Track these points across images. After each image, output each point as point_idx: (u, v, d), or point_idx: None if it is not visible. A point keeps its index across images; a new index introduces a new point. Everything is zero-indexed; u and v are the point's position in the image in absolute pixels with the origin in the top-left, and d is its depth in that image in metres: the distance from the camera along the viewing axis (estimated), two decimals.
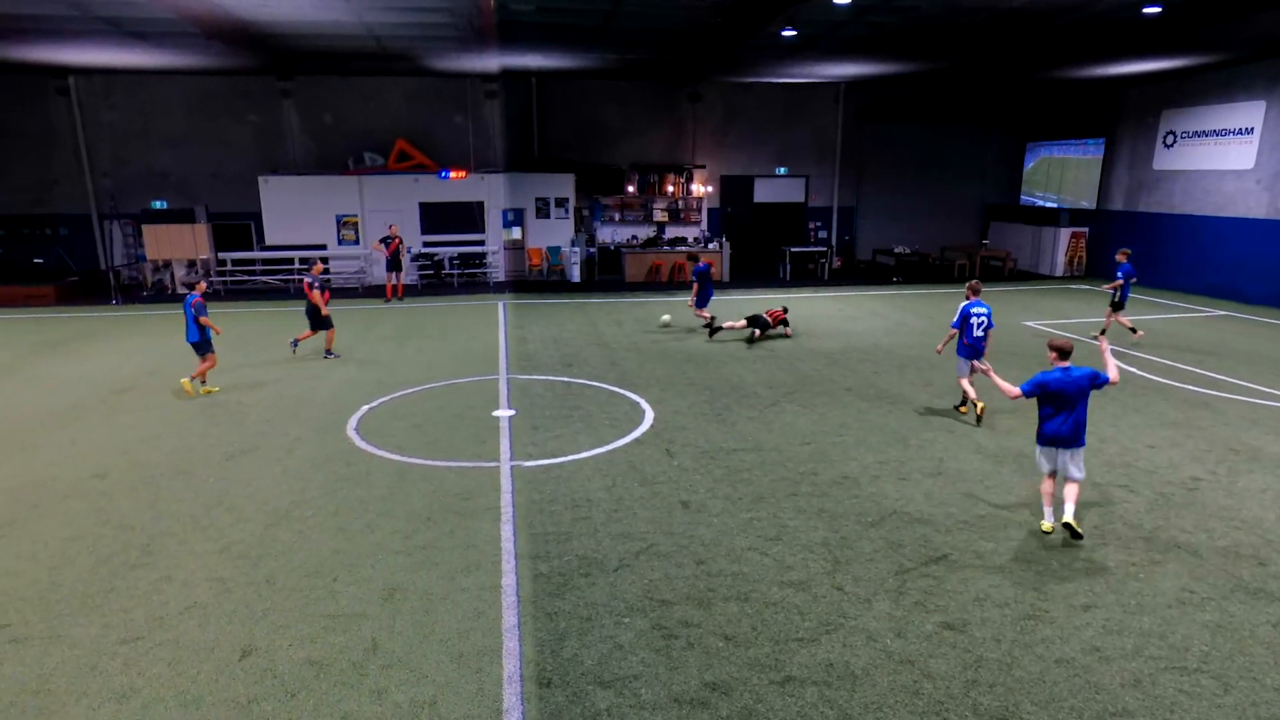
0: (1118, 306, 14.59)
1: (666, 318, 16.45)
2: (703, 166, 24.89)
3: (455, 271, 22.54)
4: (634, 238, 24.58)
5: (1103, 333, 14.37)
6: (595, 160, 24.19)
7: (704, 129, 24.87)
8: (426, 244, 22.52)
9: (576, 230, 23.70)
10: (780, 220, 26.09)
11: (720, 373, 12.50)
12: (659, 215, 24.91)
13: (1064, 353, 6.75)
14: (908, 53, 18.55)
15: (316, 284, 13.64)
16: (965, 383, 10.20)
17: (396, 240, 19.63)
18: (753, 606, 5.73)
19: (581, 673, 4.98)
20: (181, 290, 21.25)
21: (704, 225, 25.19)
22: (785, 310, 15.58)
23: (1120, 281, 14.38)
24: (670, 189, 24.67)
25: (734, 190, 25.79)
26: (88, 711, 4.64)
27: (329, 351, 13.72)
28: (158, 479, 8.20)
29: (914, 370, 12.64)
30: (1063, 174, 25.34)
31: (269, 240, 21.88)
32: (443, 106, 23.09)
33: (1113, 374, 6.62)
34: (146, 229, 20.96)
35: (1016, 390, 6.76)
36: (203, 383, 11.57)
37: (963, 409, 10.38)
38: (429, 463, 8.59)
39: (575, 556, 6.49)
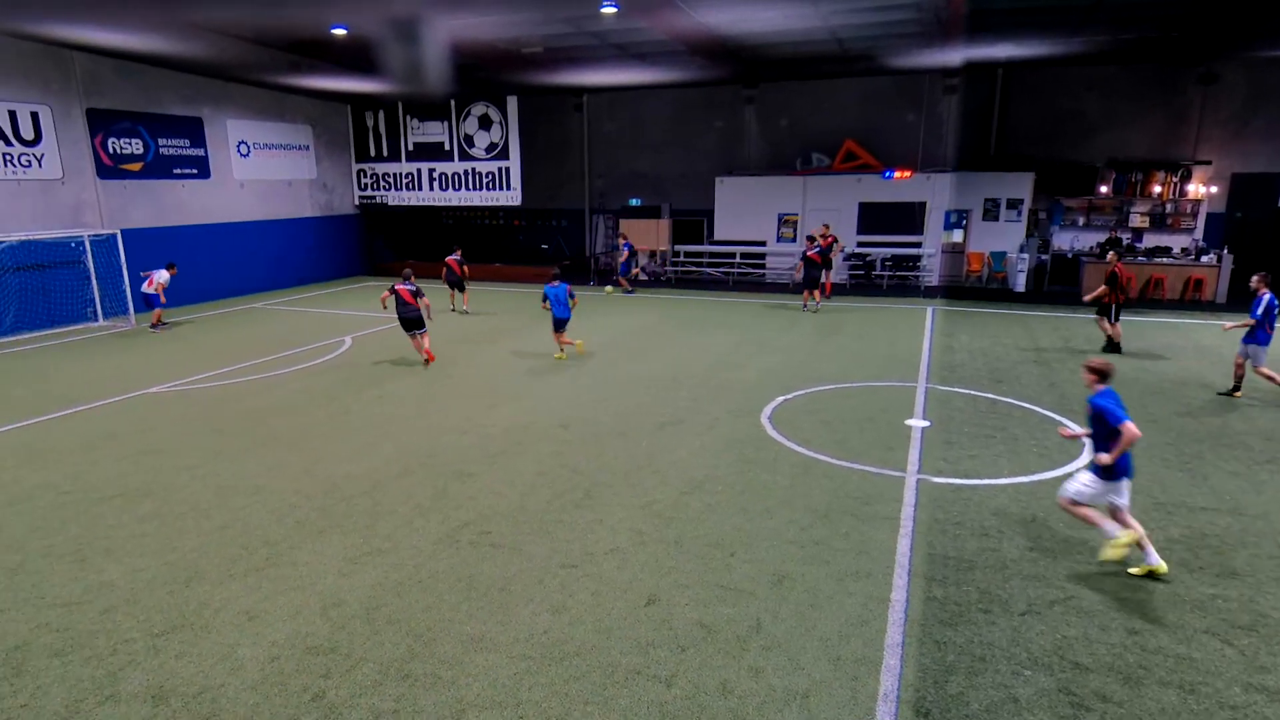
0: None
1: (609, 288, 16.86)
2: (1207, 162, 20.52)
3: (886, 273, 22.12)
4: (1098, 245, 21.38)
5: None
6: (1062, 157, 21.53)
7: (1215, 117, 20.46)
8: (860, 244, 22.46)
9: (1028, 234, 21.44)
10: None
11: (1198, 413, 10.30)
12: (1137, 220, 21.25)
13: (1105, 375, 6.25)
14: None
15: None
16: (1269, 370, 10.59)
17: (830, 239, 19.93)
18: (1200, 702, 4.66)
19: (965, 715, 4.59)
20: (645, 276, 24.39)
21: (1198, 233, 20.82)
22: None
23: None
24: (1157, 189, 20.86)
25: (1250, 191, 20.76)
26: (531, 616, 5.68)
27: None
28: (603, 436, 9.61)
29: None
30: None
31: (717, 235, 23.95)
32: (895, 105, 22.65)
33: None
34: (624, 223, 24.54)
35: (1132, 426, 5.88)
36: None
37: (1236, 394, 10.88)
38: (833, 461, 8.63)
39: (976, 588, 5.97)
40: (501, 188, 25.15)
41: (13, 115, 16.71)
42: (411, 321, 13.44)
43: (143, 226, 19.56)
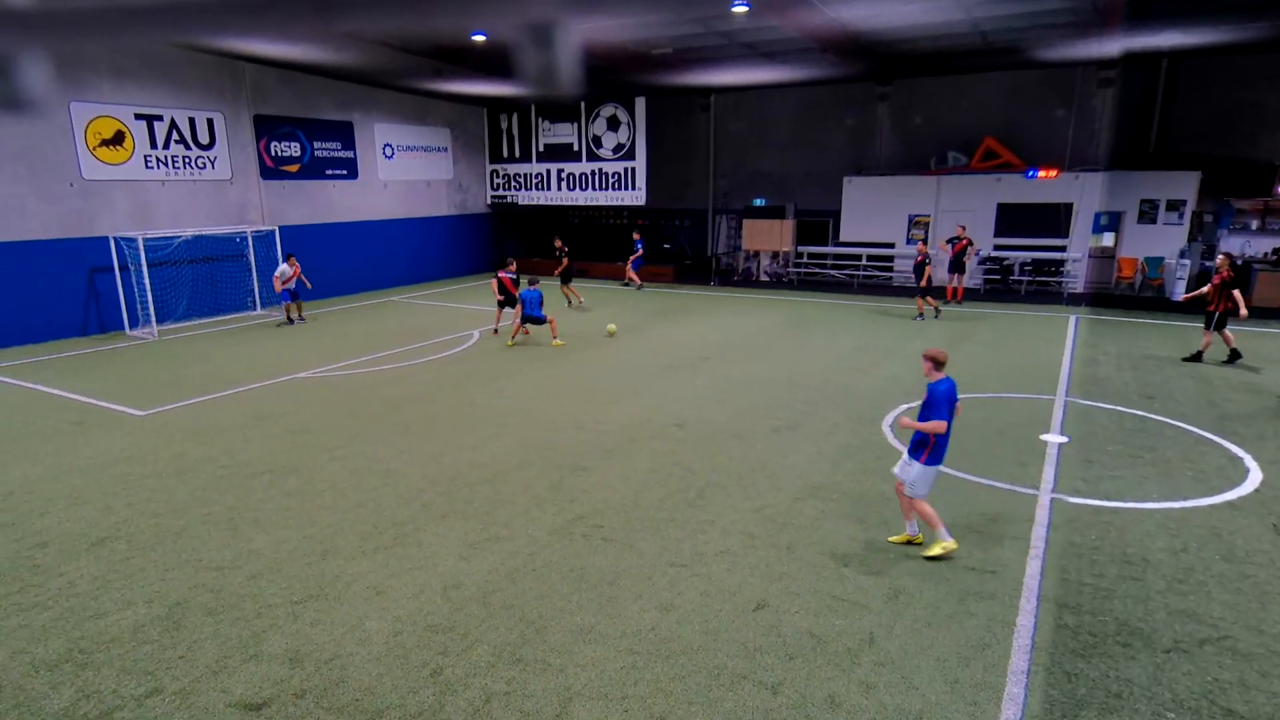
0: None
1: (611, 327, 15.77)
2: None
3: (1024, 278, 20.87)
4: (1274, 251, 19.35)
5: None
6: (1234, 154, 19.63)
7: None
8: (997, 247, 21.29)
9: (1190, 239, 19.68)
10: None
11: None
12: None
13: (940, 363, 6.36)
14: None
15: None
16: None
17: (964, 241, 19.02)
18: None
19: None
20: (766, 276, 24.14)
21: None
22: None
23: None
24: None
25: None
26: (639, 612, 5.73)
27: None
28: (718, 436, 9.57)
29: None
30: None
31: (843, 237, 23.34)
32: (1042, 100, 21.33)
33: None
34: (746, 223, 24.34)
35: (941, 424, 6.16)
36: None
37: None
38: (958, 474, 8.23)
39: (1114, 619, 5.55)
40: (627, 188, 25.47)
41: (192, 122, 18.43)
42: (508, 300, 16.03)
43: (297, 224, 21.12)
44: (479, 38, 16.45)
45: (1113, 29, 15.84)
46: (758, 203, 24.89)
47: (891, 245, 22.68)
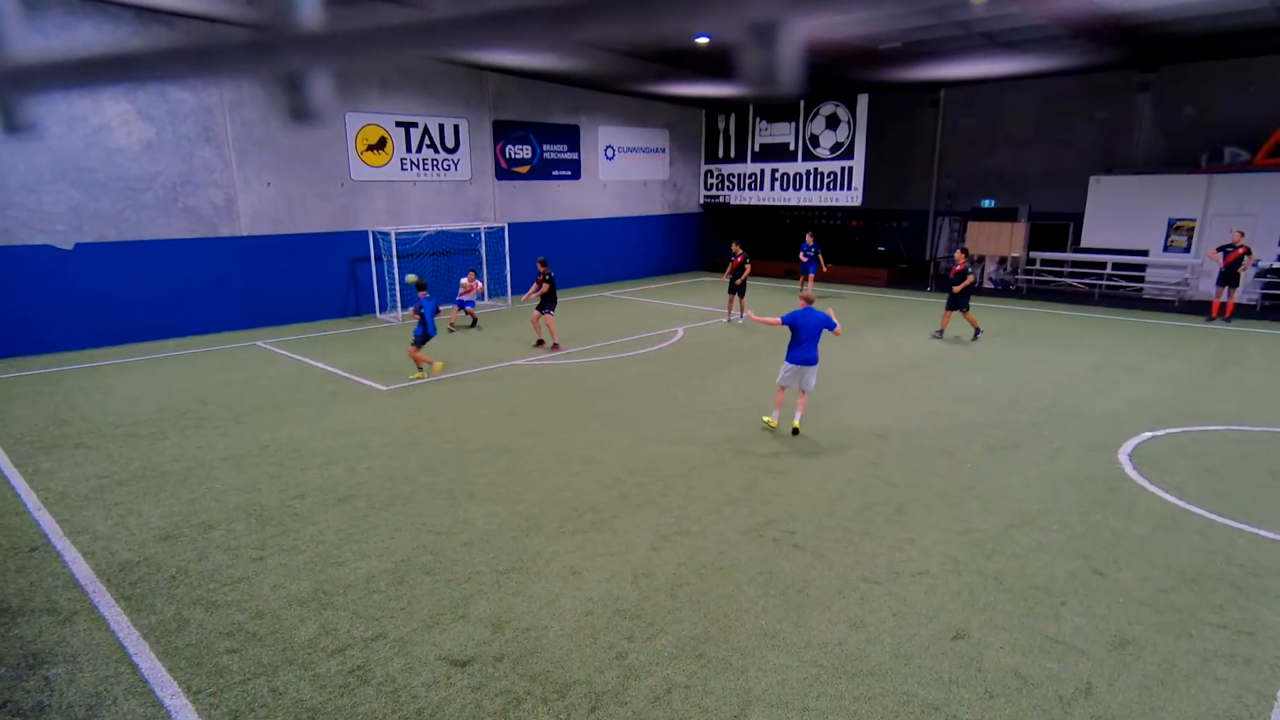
0: None
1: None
2: None
3: None
4: None
5: None
6: None
7: None
8: None
9: None
10: None
11: None
12: None
13: (809, 300, 9.47)
14: None
15: None
16: None
17: (1241, 250, 16.48)
18: None
19: None
20: (990, 283, 22.43)
21: None
22: None
23: None
24: None
25: None
26: (827, 624, 5.57)
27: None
28: (925, 450, 9.04)
29: None
30: None
31: (1085, 242, 21.10)
32: None
33: (839, 326, 9.39)
34: (971, 225, 22.71)
35: (776, 320, 9.55)
36: None
37: None
38: (1213, 517, 7.17)
39: None
40: (842, 187, 24.74)
41: (441, 128, 20.38)
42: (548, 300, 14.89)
43: (524, 221, 22.68)
44: (702, 39, 16.70)
45: None
46: (986, 204, 23.16)
47: (1145, 253, 20.17)
